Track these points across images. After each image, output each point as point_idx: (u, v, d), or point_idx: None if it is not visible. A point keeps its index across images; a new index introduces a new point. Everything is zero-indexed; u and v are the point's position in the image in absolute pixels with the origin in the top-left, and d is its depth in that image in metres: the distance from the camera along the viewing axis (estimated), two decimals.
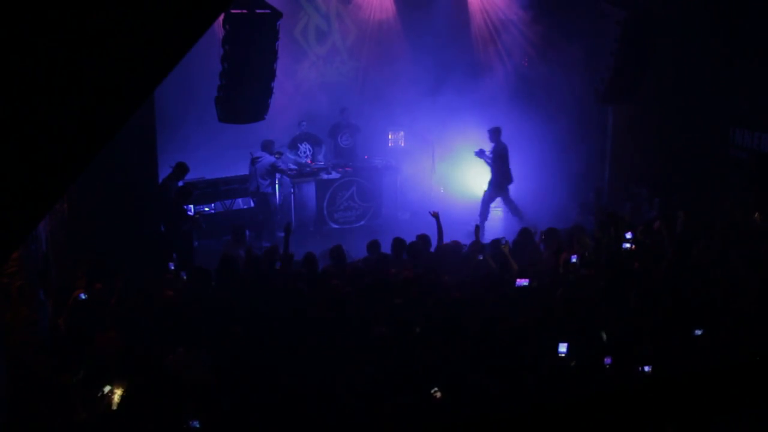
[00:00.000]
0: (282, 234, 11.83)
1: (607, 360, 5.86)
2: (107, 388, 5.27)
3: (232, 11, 8.69)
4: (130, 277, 7.41)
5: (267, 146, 11.90)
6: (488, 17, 14.02)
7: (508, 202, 12.20)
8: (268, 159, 11.78)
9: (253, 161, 11.72)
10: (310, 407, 5.26)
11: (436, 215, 9.10)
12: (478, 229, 9.03)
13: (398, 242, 8.61)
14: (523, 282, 7.22)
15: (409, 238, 8.79)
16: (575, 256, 7.90)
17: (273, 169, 11.83)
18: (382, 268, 7.86)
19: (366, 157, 13.28)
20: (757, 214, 8.55)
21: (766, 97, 10.76)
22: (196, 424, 4.97)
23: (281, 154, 12.12)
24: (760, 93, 10.84)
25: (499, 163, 12.02)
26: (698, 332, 6.23)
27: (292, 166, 12.53)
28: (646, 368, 5.81)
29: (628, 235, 8.27)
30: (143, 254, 8.49)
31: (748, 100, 11.10)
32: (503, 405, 5.19)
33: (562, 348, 5.94)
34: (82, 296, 6.79)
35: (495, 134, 12.17)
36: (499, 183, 12.06)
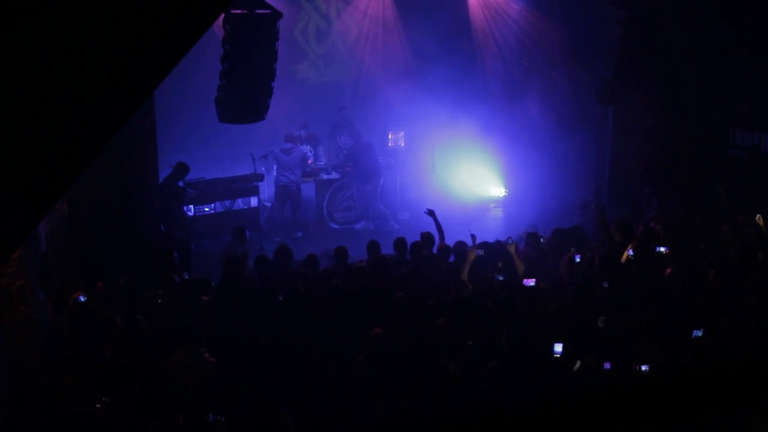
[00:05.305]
0: (300, 234, 12.01)
1: (607, 365, 5.85)
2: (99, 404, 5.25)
3: (232, 11, 8.68)
4: (132, 276, 7.42)
5: (292, 138, 12.20)
6: (488, 17, 14.02)
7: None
8: (301, 150, 12.16)
9: (287, 152, 11.96)
10: (309, 406, 5.27)
11: (431, 213, 9.09)
12: (475, 238, 8.95)
13: (400, 242, 8.60)
14: (530, 282, 7.21)
15: (409, 238, 8.78)
16: (578, 255, 7.90)
17: (303, 161, 12.16)
18: (384, 269, 7.84)
19: None
20: (758, 217, 8.54)
21: (766, 97, 10.75)
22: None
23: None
24: (760, 93, 10.83)
25: (350, 162, 12.54)
26: (698, 333, 6.22)
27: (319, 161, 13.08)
28: (644, 368, 5.80)
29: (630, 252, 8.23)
30: (143, 254, 8.48)
31: (748, 100, 11.10)
32: (503, 405, 5.19)
33: (558, 348, 5.93)
34: (81, 298, 6.78)
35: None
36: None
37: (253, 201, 11.93)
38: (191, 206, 11.19)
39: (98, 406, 5.23)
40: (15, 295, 5.77)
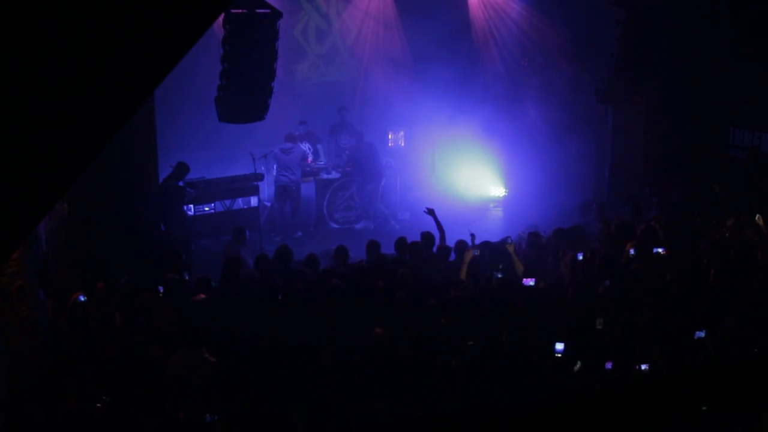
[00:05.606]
0: (300, 234, 12.02)
1: (608, 365, 5.85)
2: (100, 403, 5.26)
3: (232, 11, 8.69)
4: (132, 276, 7.41)
5: (292, 138, 12.20)
6: (488, 17, 14.03)
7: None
8: (301, 149, 12.17)
9: (287, 151, 11.96)
10: (309, 406, 5.27)
11: (431, 212, 9.10)
12: (474, 238, 8.96)
13: (401, 242, 8.61)
14: (530, 282, 7.22)
15: (409, 238, 8.78)
16: (581, 254, 7.89)
17: (303, 160, 12.18)
18: (385, 268, 7.85)
19: None
20: (758, 217, 8.54)
21: (766, 97, 10.75)
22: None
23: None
24: (760, 93, 10.83)
25: (352, 162, 12.59)
26: (700, 334, 6.21)
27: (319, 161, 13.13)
28: (644, 367, 5.80)
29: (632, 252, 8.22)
30: (143, 254, 8.48)
31: (748, 100, 11.10)
32: (503, 405, 5.20)
33: (559, 347, 5.93)
34: (81, 298, 6.79)
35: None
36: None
37: (253, 201, 11.93)
38: (191, 206, 11.19)
39: (98, 405, 5.24)
40: (15, 295, 5.77)
